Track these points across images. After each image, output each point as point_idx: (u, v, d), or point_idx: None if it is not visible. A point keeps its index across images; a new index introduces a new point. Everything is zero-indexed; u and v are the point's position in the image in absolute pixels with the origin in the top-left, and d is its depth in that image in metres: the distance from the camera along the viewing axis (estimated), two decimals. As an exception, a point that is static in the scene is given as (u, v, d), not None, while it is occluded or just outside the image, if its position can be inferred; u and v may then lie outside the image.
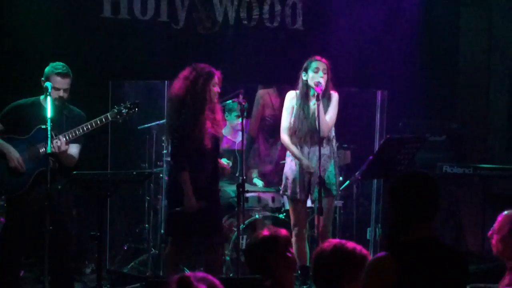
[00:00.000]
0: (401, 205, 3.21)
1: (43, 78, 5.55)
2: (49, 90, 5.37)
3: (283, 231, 3.82)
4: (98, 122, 5.47)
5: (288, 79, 6.68)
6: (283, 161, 7.25)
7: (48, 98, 5.29)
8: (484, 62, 8.90)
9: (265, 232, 3.80)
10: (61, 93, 5.50)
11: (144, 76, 7.40)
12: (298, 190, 6.14)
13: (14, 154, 5.42)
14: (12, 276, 5.59)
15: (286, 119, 6.21)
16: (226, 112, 7.42)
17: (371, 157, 5.95)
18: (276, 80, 7.97)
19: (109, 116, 5.50)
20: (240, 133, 6.31)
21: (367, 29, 8.34)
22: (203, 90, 5.72)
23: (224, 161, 6.81)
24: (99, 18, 7.60)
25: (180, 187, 5.70)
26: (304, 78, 6.13)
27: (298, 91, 6.19)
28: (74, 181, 5.41)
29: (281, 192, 6.41)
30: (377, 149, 6.72)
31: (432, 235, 3.22)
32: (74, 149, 5.58)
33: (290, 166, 6.23)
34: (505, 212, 4.17)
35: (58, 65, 5.56)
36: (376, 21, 8.38)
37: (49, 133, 5.14)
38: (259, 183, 7.40)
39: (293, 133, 6.15)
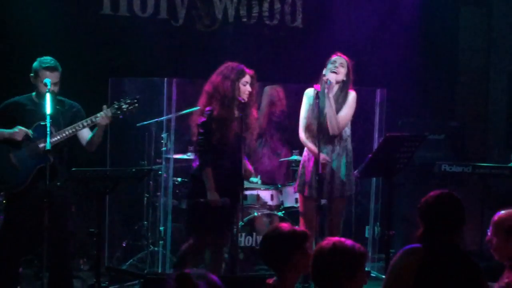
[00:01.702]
0: (430, 223, 3.76)
1: (31, 74, 5.53)
2: (49, 86, 5.36)
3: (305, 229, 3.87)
4: (98, 116, 5.45)
5: (287, 76, 6.71)
6: (282, 159, 7.27)
7: (48, 94, 5.28)
8: (484, 61, 8.91)
9: (290, 226, 3.80)
10: (51, 87, 5.49)
11: (144, 73, 7.40)
12: (309, 188, 6.05)
13: (15, 129, 5.40)
14: (12, 273, 5.58)
15: (303, 116, 6.13)
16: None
17: (370, 156, 5.94)
18: (275, 77, 7.97)
19: (110, 111, 5.49)
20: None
21: (366, 28, 8.35)
22: (232, 88, 5.73)
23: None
24: (98, 15, 7.60)
25: (202, 184, 5.72)
26: (324, 73, 6.05)
27: (313, 89, 6.08)
28: (73, 178, 5.41)
29: (295, 190, 6.36)
30: (376, 147, 6.72)
31: (456, 242, 3.74)
32: (85, 133, 5.59)
33: (304, 164, 6.14)
34: (500, 213, 4.16)
35: (46, 59, 5.53)
36: (376, 19, 8.39)
37: (48, 129, 5.13)
38: (255, 180, 7.38)
39: (309, 129, 6.07)
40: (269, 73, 8.07)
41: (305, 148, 6.16)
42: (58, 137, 5.36)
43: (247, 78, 5.82)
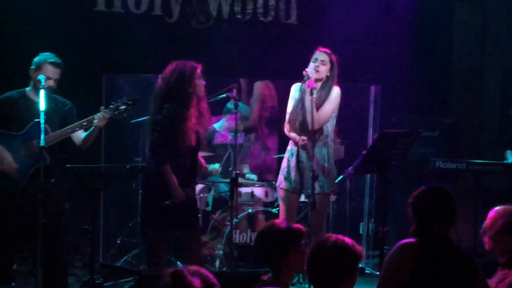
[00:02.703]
0: (423, 217, 3.77)
1: (32, 67, 5.51)
2: (43, 82, 5.34)
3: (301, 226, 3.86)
4: (96, 118, 5.41)
5: (281, 73, 6.71)
6: (276, 156, 7.27)
7: (42, 91, 5.26)
8: (478, 57, 8.92)
9: (286, 223, 3.80)
10: (51, 83, 5.47)
11: (138, 69, 7.39)
12: (292, 183, 6.07)
13: (7, 159, 5.38)
14: (5, 270, 5.57)
15: (288, 111, 6.14)
16: (224, 111, 7.46)
17: (364, 152, 5.95)
18: (269, 74, 7.97)
19: (108, 113, 5.44)
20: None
21: (361, 24, 8.34)
22: (189, 85, 5.71)
23: (214, 166, 6.82)
24: (92, 11, 7.58)
25: (161, 181, 5.67)
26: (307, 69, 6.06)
27: (299, 84, 6.10)
28: (67, 175, 5.40)
29: (276, 184, 6.36)
30: (370, 144, 6.73)
31: (448, 235, 3.77)
32: (79, 132, 5.55)
33: (287, 159, 6.14)
34: (496, 208, 4.18)
35: (50, 55, 5.53)
36: (370, 16, 8.38)
37: (42, 126, 5.10)
38: (252, 177, 7.40)
39: (291, 124, 6.08)
40: (264, 70, 8.08)
41: (289, 143, 6.16)
42: (56, 137, 5.34)
43: (199, 72, 5.80)
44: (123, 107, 5.48)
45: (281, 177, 6.15)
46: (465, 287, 3.68)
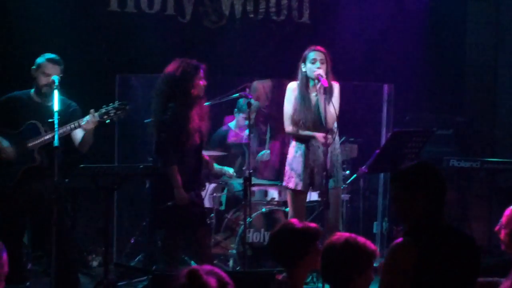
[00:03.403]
0: (410, 194, 3.39)
1: (34, 67, 5.54)
2: (56, 83, 5.36)
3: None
4: (84, 121, 5.36)
5: (294, 73, 6.66)
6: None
7: (55, 91, 5.28)
8: (491, 55, 8.88)
9: (302, 222, 3.79)
10: (51, 79, 5.48)
11: (151, 69, 7.39)
12: (300, 181, 6.06)
13: (2, 144, 5.40)
14: (16, 267, 5.58)
15: (289, 110, 6.11)
16: (236, 109, 7.46)
17: (377, 151, 5.95)
18: (282, 74, 7.96)
19: (97, 116, 5.41)
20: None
21: (373, 23, 8.33)
22: (192, 85, 5.70)
23: (228, 170, 6.83)
24: (105, 12, 7.61)
25: (167, 181, 5.67)
26: (303, 70, 6.06)
27: (298, 82, 6.12)
28: (81, 175, 5.41)
29: (283, 183, 6.35)
30: (384, 142, 6.72)
31: (445, 222, 3.41)
32: (79, 134, 5.53)
33: (293, 157, 6.13)
34: (512, 207, 4.14)
35: (49, 54, 5.55)
36: (383, 14, 8.37)
37: (56, 126, 5.10)
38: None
39: (297, 124, 6.06)
40: (277, 69, 8.07)
41: (291, 143, 6.14)
42: (47, 137, 5.34)
43: (202, 73, 5.80)
44: (113, 111, 5.44)
45: (288, 176, 6.16)
46: (471, 270, 3.45)
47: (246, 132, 6.73)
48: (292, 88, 6.15)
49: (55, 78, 5.39)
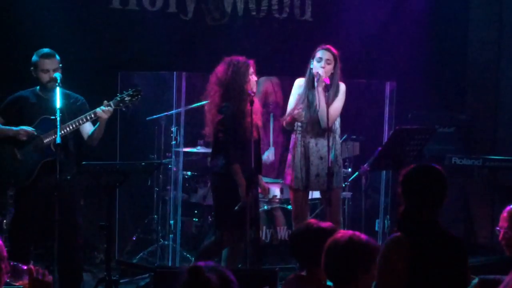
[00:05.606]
0: (413, 195, 3.63)
1: (31, 68, 5.55)
2: (58, 80, 5.38)
3: None
4: (99, 110, 5.43)
5: (296, 70, 6.67)
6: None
7: (58, 88, 5.30)
8: (494, 52, 8.86)
9: (319, 223, 3.87)
10: (52, 74, 5.48)
11: (153, 67, 7.40)
12: (299, 179, 6.04)
13: (19, 129, 5.42)
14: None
15: (290, 105, 6.13)
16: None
17: (379, 149, 5.94)
18: (284, 71, 7.96)
19: (112, 104, 5.47)
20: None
21: (375, 20, 8.32)
22: (244, 81, 5.74)
23: None
24: (107, 9, 7.61)
25: (229, 181, 5.69)
26: (311, 67, 6.08)
27: (305, 79, 6.13)
28: (83, 172, 5.41)
29: (283, 181, 6.34)
30: (386, 140, 6.71)
31: (436, 219, 3.62)
32: (87, 128, 5.56)
33: (292, 155, 6.12)
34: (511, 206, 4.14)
35: (41, 50, 5.56)
36: (385, 12, 8.36)
37: (58, 123, 5.15)
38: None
39: (294, 119, 6.05)
40: (279, 67, 8.07)
41: (292, 140, 6.13)
42: (61, 132, 5.37)
43: (252, 69, 5.83)
44: (128, 98, 5.49)
45: (286, 173, 6.16)
46: (459, 271, 3.60)
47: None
48: (298, 84, 6.17)
49: (57, 75, 5.41)
